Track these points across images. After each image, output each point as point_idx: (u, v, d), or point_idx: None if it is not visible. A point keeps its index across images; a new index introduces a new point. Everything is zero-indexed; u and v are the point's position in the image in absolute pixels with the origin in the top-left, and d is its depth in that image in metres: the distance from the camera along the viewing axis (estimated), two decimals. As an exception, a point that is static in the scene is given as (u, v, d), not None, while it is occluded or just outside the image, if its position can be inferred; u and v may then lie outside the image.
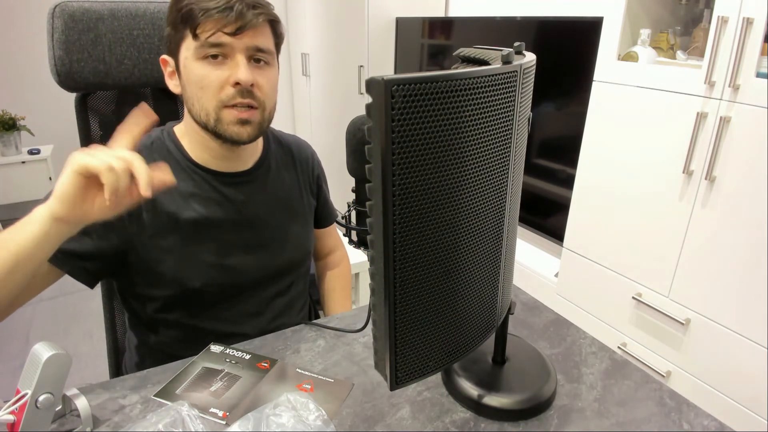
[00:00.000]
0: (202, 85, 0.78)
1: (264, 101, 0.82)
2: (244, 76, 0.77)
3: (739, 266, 1.31)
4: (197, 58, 0.78)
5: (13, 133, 2.76)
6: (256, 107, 0.81)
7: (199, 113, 0.81)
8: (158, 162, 0.84)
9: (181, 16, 0.77)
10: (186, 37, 0.78)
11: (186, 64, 0.79)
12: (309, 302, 1.09)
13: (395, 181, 0.46)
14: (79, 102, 1.01)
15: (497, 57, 0.54)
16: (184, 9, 0.76)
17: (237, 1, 0.75)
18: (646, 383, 0.75)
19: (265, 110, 0.83)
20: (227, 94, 0.79)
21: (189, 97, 0.81)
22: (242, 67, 0.77)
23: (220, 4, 0.75)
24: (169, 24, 0.80)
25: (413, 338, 0.53)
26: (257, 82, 0.80)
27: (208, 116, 0.80)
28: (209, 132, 0.82)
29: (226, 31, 0.76)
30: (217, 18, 0.75)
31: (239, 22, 0.76)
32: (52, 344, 0.60)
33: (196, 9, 0.75)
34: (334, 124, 3.18)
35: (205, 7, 0.75)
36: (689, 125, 1.37)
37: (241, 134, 0.81)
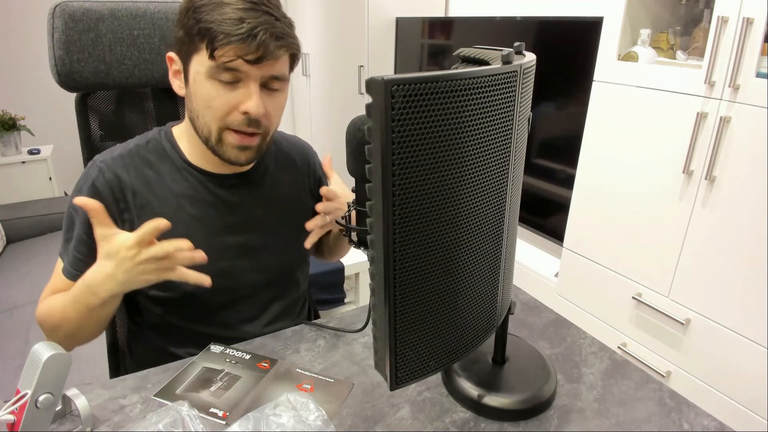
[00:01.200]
0: (210, 105, 0.76)
1: (268, 127, 0.81)
2: (255, 110, 0.75)
3: (739, 266, 1.31)
4: (209, 77, 0.75)
5: (13, 133, 2.75)
6: (259, 134, 0.80)
7: (201, 128, 0.80)
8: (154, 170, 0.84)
9: (198, 29, 0.73)
10: (200, 50, 0.74)
11: (196, 78, 0.77)
12: (309, 302, 1.09)
13: (395, 181, 0.46)
14: (79, 102, 1.01)
15: (497, 57, 0.54)
16: (203, 24, 0.72)
17: (261, 30, 0.71)
18: (646, 383, 0.75)
19: (267, 135, 0.82)
20: (234, 119, 0.77)
21: (194, 109, 0.80)
22: (255, 99, 0.75)
23: (243, 30, 0.71)
24: (182, 27, 0.76)
25: (413, 338, 0.53)
26: (266, 111, 0.78)
27: (210, 134, 0.79)
28: (208, 148, 0.82)
29: (246, 59, 0.73)
30: (238, 46, 0.71)
31: (260, 52, 0.72)
32: (52, 344, 0.60)
33: (215, 30, 0.71)
34: (334, 124, 3.18)
35: (226, 31, 0.71)
36: (689, 125, 1.37)
37: (240, 158, 0.81)
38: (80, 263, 0.82)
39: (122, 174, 0.83)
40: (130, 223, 0.82)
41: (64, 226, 0.84)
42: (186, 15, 0.76)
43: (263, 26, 0.72)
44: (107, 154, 0.85)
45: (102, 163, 0.83)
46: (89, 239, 0.81)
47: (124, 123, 1.06)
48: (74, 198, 0.77)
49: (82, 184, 0.82)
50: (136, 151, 0.85)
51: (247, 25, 0.71)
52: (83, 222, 0.81)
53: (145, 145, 0.86)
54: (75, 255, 0.82)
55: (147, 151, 0.86)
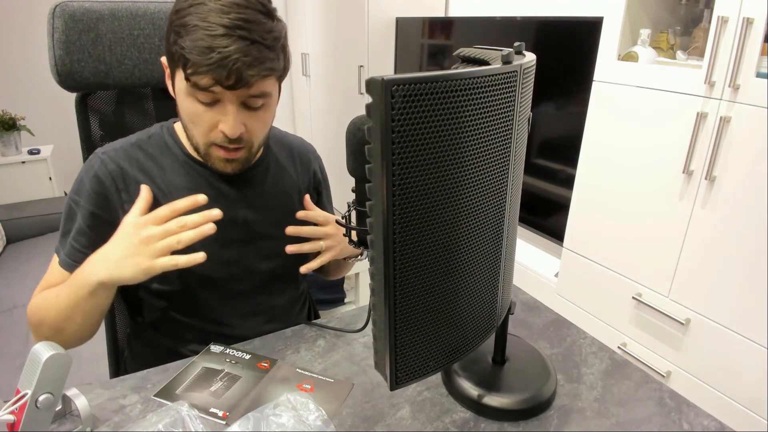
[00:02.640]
0: (193, 121, 0.78)
1: (252, 141, 0.81)
2: (231, 131, 0.76)
3: (739, 266, 1.31)
4: (188, 95, 0.75)
5: (13, 133, 2.75)
6: (242, 147, 0.81)
7: (190, 138, 0.82)
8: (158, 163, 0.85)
9: (174, 51, 0.73)
10: (179, 69, 0.74)
11: (179, 93, 0.78)
12: (309, 302, 1.09)
13: (395, 181, 0.46)
14: (80, 102, 1.01)
15: (497, 57, 0.54)
16: (177, 48, 0.72)
17: (233, 60, 0.69)
18: (646, 383, 0.75)
19: (252, 147, 0.82)
20: (216, 136, 0.78)
21: (182, 119, 0.81)
22: (230, 121, 0.75)
23: (212, 61, 0.69)
24: (166, 41, 0.76)
25: (413, 338, 0.53)
26: (247, 128, 0.78)
27: (198, 147, 0.81)
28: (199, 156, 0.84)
29: (221, 85, 0.72)
30: (210, 74, 0.70)
31: (231, 80, 0.71)
32: (52, 344, 0.60)
33: (188, 57, 0.70)
34: (334, 124, 3.18)
35: (196, 61, 0.70)
36: (689, 125, 1.37)
37: (226, 169, 0.83)
38: (78, 254, 0.81)
39: (125, 165, 0.83)
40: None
41: (63, 219, 0.84)
42: (169, 30, 0.75)
43: (234, 55, 0.69)
44: (109, 146, 0.86)
45: (104, 154, 0.84)
46: (90, 231, 0.81)
47: (124, 123, 1.06)
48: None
49: (83, 175, 0.83)
50: (138, 144, 0.86)
51: (217, 55, 0.69)
52: (85, 215, 0.81)
53: (147, 139, 0.87)
54: (72, 245, 0.82)
55: (149, 145, 0.86)
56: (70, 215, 0.83)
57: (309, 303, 1.09)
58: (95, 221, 0.81)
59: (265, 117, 0.81)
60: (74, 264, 0.81)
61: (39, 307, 0.80)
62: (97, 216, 0.81)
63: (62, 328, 0.79)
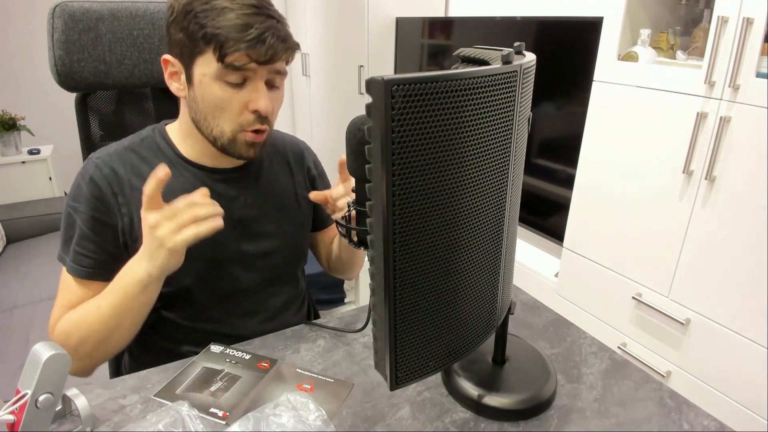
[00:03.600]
0: (222, 107, 0.78)
1: (272, 122, 0.84)
2: (264, 107, 0.78)
3: (739, 266, 1.31)
4: (217, 79, 0.76)
5: (13, 133, 2.75)
6: (266, 130, 0.83)
7: (211, 129, 0.81)
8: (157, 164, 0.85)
9: (203, 35, 0.74)
10: (206, 53, 0.76)
11: (203, 81, 0.77)
12: (309, 302, 1.09)
13: (395, 181, 0.45)
14: (79, 102, 1.01)
15: (497, 57, 0.54)
16: (209, 30, 0.74)
17: (269, 35, 0.74)
18: (646, 383, 0.75)
19: (271, 129, 0.85)
20: (247, 120, 0.80)
21: (200, 110, 0.80)
22: (263, 97, 0.78)
23: (252, 36, 0.73)
24: (182, 31, 0.76)
25: (413, 338, 0.53)
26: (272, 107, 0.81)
27: (222, 135, 0.81)
28: (216, 147, 0.83)
29: (256, 61, 0.75)
30: (248, 51, 0.74)
31: (268, 55, 0.75)
32: (52, 344, 0.60)
33: (224, 37, 0.73)
34: (334, 124, 3.17)
35: (235, 38, 0.73)
36: (689, 125, 1.37)
37: (250, 154, 0.84)
38: (86, 259, 0.81)
39: (119, 169, 0.83)
40: (129, 217, 0.82)
41: (63, 227, 0.84)
42: (185, 19, 0.76)
43: (270, 30, 0.74)
44: (102, 151, 0.86)
45: (98, 159, 0.84)
46: (94, 235, 0.81)
47: (124, 123, 1.06)
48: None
49: (79, 180, 0.83)
50: (131, 148, 0.86)
51: (255, 31, 0.73)
52: (86, 219, 0.81)
53: (139, 142, 0.87)
54: (78, 251, 0.82)
55: (142, 148, 0.86)
56: (70, 222, 0.83)
57: (309, 303, 1.09)
58: (97, 225, 0.81)
59: (281, 97, 0.85)
60: (86, 270, 0.81)
61: (76, 327, 0.79)
62: (98, 219, 0.81)
63: (108, 338, 0.79)
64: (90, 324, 0.78)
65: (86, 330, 0.78)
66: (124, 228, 0.82)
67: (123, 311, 0.77)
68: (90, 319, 0.78)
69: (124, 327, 0.79)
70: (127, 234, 0.83)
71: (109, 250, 0.82)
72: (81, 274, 0.81)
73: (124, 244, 0.83)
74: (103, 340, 0.79)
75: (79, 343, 0.78)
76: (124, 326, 0.79)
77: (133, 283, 0.75)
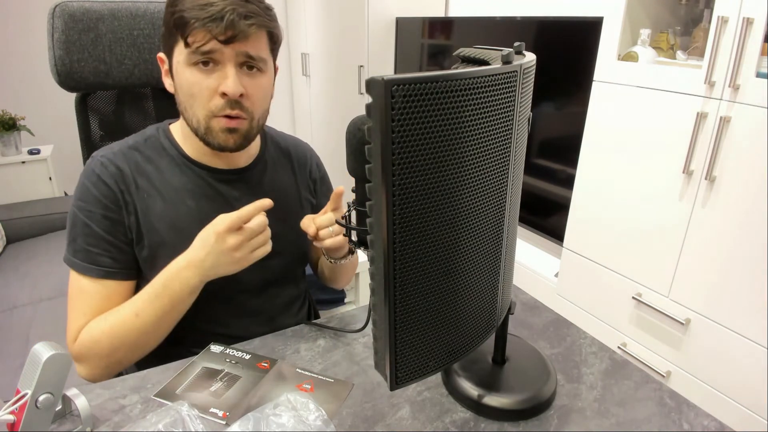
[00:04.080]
0: (192, 92, 0.78)
1: (252, 111, 0.82)
2: (232, 89, 0.76)
3: (739, 266, 1.31)
4: (188, 64, 0.77)
5: (13, 133, 2.75)
6: (244, 117, 0.81)
7: (190, 119, 0.81)
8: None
9: (173, 21, 0.76)
10: (178, 42, 0.77)
11: (177, 69, 0.79)
12: (309, 302, 1.09)
13: (395, 181, 0.45)
14: (79, 102, 1.01)
15: (497, 57, 0.54)
16: (176, 14, 0.75)
17: (229, 11, 0.73)
18: (646, 383, 0.75)
19: (253, 119, 0.82)
20: (216, 104, 0.78)
21: (181, 102, 0.82)
22: (231, 79, 0.76)
23: (211, 13, 0.73)
24: (164, 24, 0.80)
25: (413, 338, 0.53)
26: (246, 92, 0.79)
27: (199, 124, 0.81)
28: (199, 138, 0.83)
29: (218, 40, 0.74)
30: (208, 27, 0.73)
31: (230, 32, 0.74)
32: (52, 344, 0.60)
33: (187, 17, 0.74)
34: (334, 124, 3.18)
35: (195, 16, 0.73)
36: (689, 125, 1.37)
37: (228, 142, 0.82)
38: (102, 258, 0.81)
39: (124, 167, 0.83)
40: (134, 215, 0.83)
41: (69, 226, 0.83)
42: (166, 11, 0.78)
43: (230, 6, 0.73)
44: (106, 149, 0.86)
45: (103, 157, 0.84)
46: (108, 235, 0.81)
47: (124, 123, 1.06)
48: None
49: (85, 180, 0.82)
50: (135, 146, 0.86)
51: (214, 8, 0.73)
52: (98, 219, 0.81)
53: (143, 142, 0.87)
54: (92, 251, 0.81)
55: (146, 148, 0.86)
56: (76, 222, 0.82)
57: (309, 303, 1.09)
58: (109, 224, 0.81)
59: (263, 84, 0.82)
60: (105, 270, 0.81)
61: (108, 335, 0.78)
62: (110, 218, 0.81)
63: (144, 345, 0.80)
64: (126, 331, 0.78)
65: (121, 337, 0.78)
66: (130, 225, 0.83)
67: (166, 317, 0.79)
68: (127, 327, 0.78)
69: (162, 331, 0.81)
70: (133, 231, 0.83)
71: (122, 248, 0.83)
72: (99, 274, 0.81)
73: (131, 241, 0.84)
74: (139, 346, 0.80)
75: (112, 350, 0.79)
76: (162, 330, 0.81)
77: (183, 289, 0.78)
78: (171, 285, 0.78)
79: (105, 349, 0.79)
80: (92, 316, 0.80)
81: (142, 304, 0.79)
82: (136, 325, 0.78)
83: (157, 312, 0.78)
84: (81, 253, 0.81)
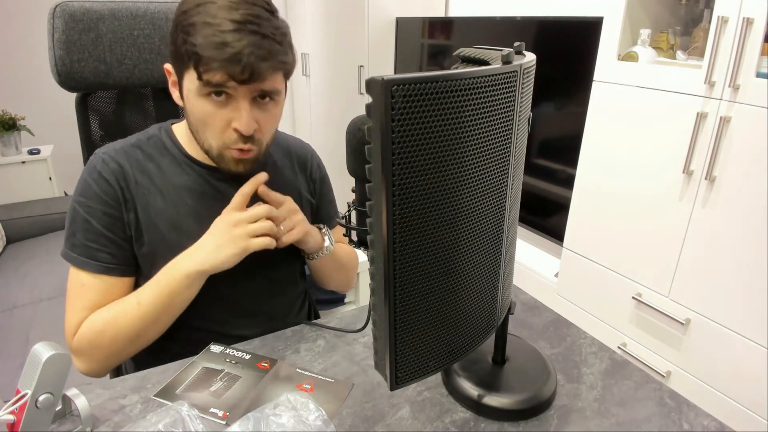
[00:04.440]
0: (206, 122, 0.77)
1: (263, 140, 0.81)
2: (245, 127, 0.75)
3: (739, 266, 1.31)
4: (200, 95, 0.75)
5: (13, 133, 2.75)
6: (255, 147, 0.81)
7: (202, 142, 0.81)
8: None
9: (185, 50, 0.73)
10: (189, 69, 0.75)
11: (189, 96, 0.77)
12: (309, 302, 1.09)
13: (395, 181, 0.46)
14: (80, 102, 1.01)
15: (497, 57, 0.54)
16: (189, 47, 0.72)
17: (248, 53, 0.70)
18: (646, 383, 0.75)
19: (262, 145, 0.82)
20: (229, 137, 0.78)
21: (192, 124, 0.81)
22: (245, 117, 0.75)
23: (226, 56, 0.70)
24: (173, 43, 0.76)
25: (413, 338, 0.53)
26: (259, 125, 0.78)
27: (210, 149, 0.81)
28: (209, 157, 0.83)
29: (235, 80, 0.72)
30: (225, 69, 0.71)
31: (246, 75, 0.71)
32: (52, 344, 0.60)
33: (200, 55, 0.71)
34: (334, 124, 3.18)
35: (212, 57, 0.70)
36: (689, 125, 1.37)
37: (239, 169, 0.82)
38: (101, 254, 0.81)
39: (125, 164, 0.84)
40: (134, 212, 0.83)
41: (68, 222, 0.83)
42: (176, 31, 0.75)
43: (248, 48, 0.70)
44: (109, 146, 0.86)
45: (104, 154, 0.84)
46: (107, 231, 0.81)
47: (124, 123, 1.07)
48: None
49: (86, 176, 0.83)
50: (137, 145, 0.87)
51: (231, 50, 0.70)
52: (98, 216, 0.81)
53: (146, 140, 0.87)
54: (91, 247, 0.81)
55: (148, 146, 0.87)
56: (76, 218, 0.82)
57: (309, 303, 1.09)
58: (110, 220, 0.82)
59: (275, 114, 0.82)
60: (104, 265, 0.81)
61: (109, 324, 0.79)
62: (110, 215, 0.82)
63: (142, 335, 0.80)
64: (127, 320, 0.79)
65: (122, 327, 0.79)
66: (129, 222, 0.83)
67: (164, 306, 0.79)
68: (128, 315, 0.79)
69: (161, 323, 0.81)
70: (132, 228, 0.83)
71: (120, 244, 0.83)
72: (98, 269, 0.81)
73: (130, 238, 0.84)
74: (137, 337, 0.80)
75: (112, 341, 0.79)
76: (161, 322, 0.81)
77: (181, 277, 0.78)
78: (171, 273, 0.79)
79: (106, 340, 0.79)
80: (91, 311, 0.81)
81: (143, 294, 0.80)
82: (137, 314, 0.78)
83: (157, 301, 0.78)
84: (79, 248, 0.81)
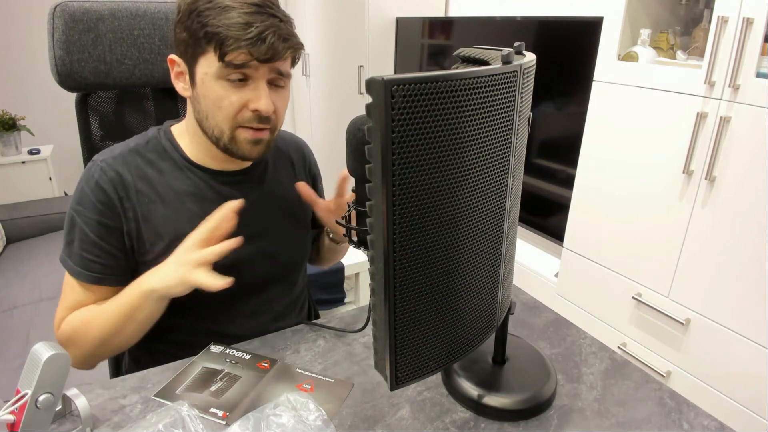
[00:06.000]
0: (221, 105, 0.78)
1: (276, 123, 0.83)
2: (265, 107, 0.77)
3: (739, 266, 1.31)
4: (218, 78, 0.76)
5: (13, 133, 2.75)
6: (268, 128, 0.82)
7: (212, 129, 0.81)
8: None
9: (205, 33, 0.74)
10: (207, 53, 0.76)
11: (204, 80, 0.78)
12: (309, 302, 1.09)
13: (395, 181, 0.46)
14: (80, 102, 1.01)
15: (497, 57, 0.54)
16: (210, 29, 0.74)
17: (269, 33, 0.74)
18: (646, 383, 0.75)
19: (275, 130, 0.84)
20: (244, 117, 0.79)
21: (202, 110, 0.80)
22: (264, 96, 0.77)
23: (252, 35, 0.73)
24: (185, 30, 0.77)
25: (413, 338, 0.53)
26: (275, 106, 0.80)
27: (222, 134, 0.80)
28: (219, 148, 0.83)
29: (256, 60, 0.75)
30: (249, 49, 0.74)
31: (269, 54, 0.75)
32: (52, 344, 0.60)
33: (224, 35, 0.73)
34: (334, 124, 3.18)
35: (235, 36, 0.73)
36: (689, 125, 1.37)
37: (252, 152, 0.82)
38: (95, 264, 0.82)
39: (124, 172, 0.83)
40: (135, 221, 0.82)
41: (66, 229, 0.83)
42: (189, 18, 0.76)
43: (270, 29, 0.74)
44: (107, 153, 0.85)
45: (103, 162, 0.83)
46: (101, 241, 0.81)
47: (124, 123, 1.06)
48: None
49: (84, 185, 0.82)
50: (137, 150, 0.85)
51: (256, 29, 0.73)
52: (92, 225, 0.81)
53: (145, 144, 0.86)
54: (84, 256, 0.81)
55: (147, 150, 0.86)
56: (73, 226, 0.82)
57: (309, 303, 1.09)
58: (104, 230, 0.81)
59: (286, 97, 0.84)
60: (94, 275, 0.82)
61: (82, 325, 0.81)
62: (105, 225, 0.81)
63: (109, 341, 0.80)
64: (96, 325, 0.79)
65: (90, 331, 0.80)
66: (129, 231, 0.82)
67: (125, 318, 0.78)
68: (96, 321, 0.80)
69: (126, 333, 0.80)
70: (133, 238, 0.82)
71: (115, 255, 0.82)
72: (88, 279, 0.81)
73: (130, 249, 0.83)
74: (103, 342, 0.80)
75: (83, 341, 0.81)
76: (126, 332, 0.80)
77: (139, 294, 0.77)
78: (133, 288, 0.79)
79: (79, 339, 0.81)
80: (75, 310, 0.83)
81: (111, 304, 0.80)
82: (103, 320, 0.79)
83: (121, 312, 0.79)
84: (75, 257, 0.82)
